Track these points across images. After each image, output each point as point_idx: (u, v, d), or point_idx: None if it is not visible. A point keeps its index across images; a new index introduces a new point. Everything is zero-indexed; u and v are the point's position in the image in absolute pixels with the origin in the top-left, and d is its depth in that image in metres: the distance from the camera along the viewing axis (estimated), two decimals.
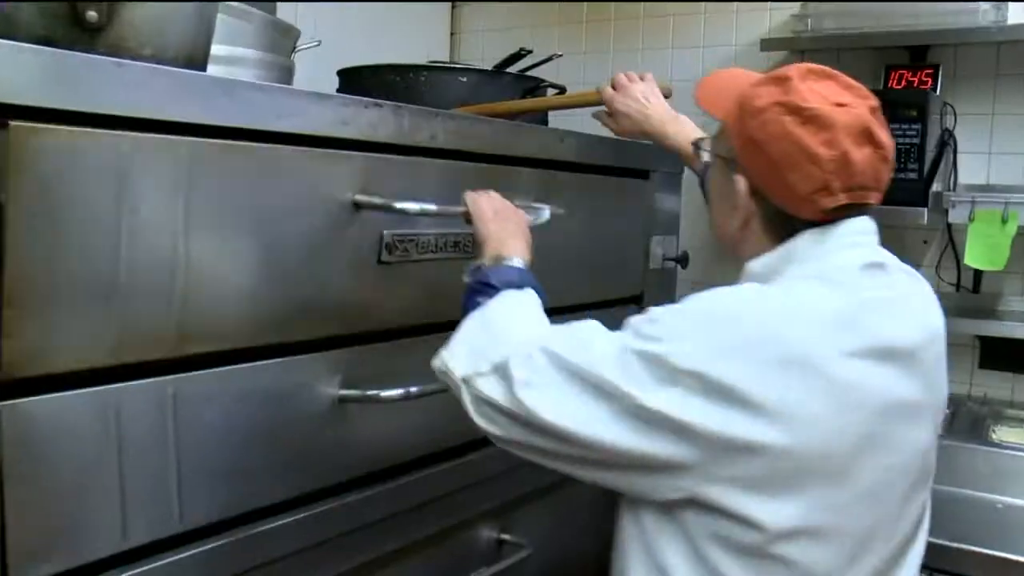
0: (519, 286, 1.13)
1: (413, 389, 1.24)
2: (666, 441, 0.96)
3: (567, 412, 0.99)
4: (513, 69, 1.93)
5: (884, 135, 1.05)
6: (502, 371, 1.03)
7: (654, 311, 1.03)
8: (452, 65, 1.89)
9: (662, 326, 1.00)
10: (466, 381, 1.06)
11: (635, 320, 1.03)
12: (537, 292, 1.15)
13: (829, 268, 1.04)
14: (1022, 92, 2.22)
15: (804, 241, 1.06)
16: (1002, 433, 2.15)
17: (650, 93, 1.66)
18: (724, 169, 1.12)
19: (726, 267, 2.60)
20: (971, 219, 2.06)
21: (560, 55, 1.96)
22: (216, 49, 1.32)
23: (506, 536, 1.55)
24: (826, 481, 0.97)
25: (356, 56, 2.00)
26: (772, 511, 0.96)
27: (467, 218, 1.26)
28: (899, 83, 2.17)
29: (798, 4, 2.33)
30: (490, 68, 1.87)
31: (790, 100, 1.02)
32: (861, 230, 1.08)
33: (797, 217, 1.06)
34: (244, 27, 1.62)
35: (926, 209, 2.02)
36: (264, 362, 1.10)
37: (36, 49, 0.85)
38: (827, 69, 1.08)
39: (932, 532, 1.20)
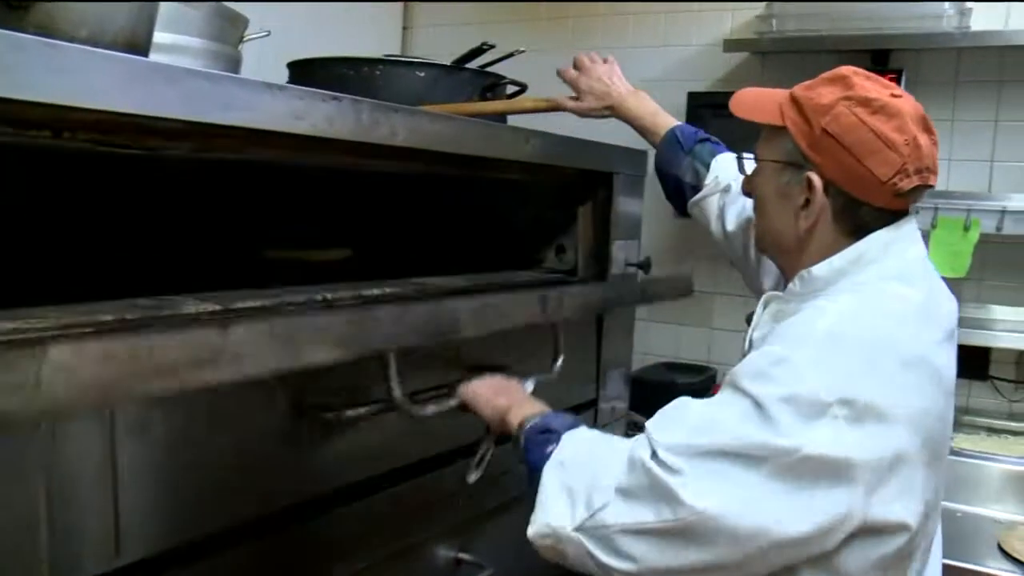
0: (573, 426, 1.11)
1: (369, 407, 1.16)
2: (832, 492, 0.94)
3: (733, 496, 0.94)
4: (472, 64, 1.85)
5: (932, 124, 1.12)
6: (642, 489, 0.97)
7: (768, 353, 1.00)
8: (409, 59, 1.80)
9: (791, 364, 0.97)
10: (582, 528, 1.00)
11: (750, 369, 0.99)
12: None
13: (903, 267, 1.09)
14: (981, 99, 2.23)
15: (874, 244, 1.09)
16: (959, 441, 2.14)
17: (612, 74, 1.70)
18: (785, 172, 1.13)
19: (719, 281, 2.60)
20: (933, 226, 2.05)
21: (522, 51, 1.89)
22: (159, 36, 1.22)
23: (465, 555, 1.48)
24: (936, 465, 1.03)
25: (304, 49, 1.90)
26: (912, 509, 0.99)
27: (464, 408, 1.22)
28: None
29: (761, 5, 2.30)
30: (449, 63, 1.79)
31: (856, 94, 1.07)
32: (915, 227, 1.14)
33: (867, 205, 1.08)
34: (190, 14, 1.52)
35: None
36: None
37: None
38: (865, 71, 1.13)
39: None
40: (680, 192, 1.62)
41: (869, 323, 1.02)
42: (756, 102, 1.19)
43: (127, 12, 1.06)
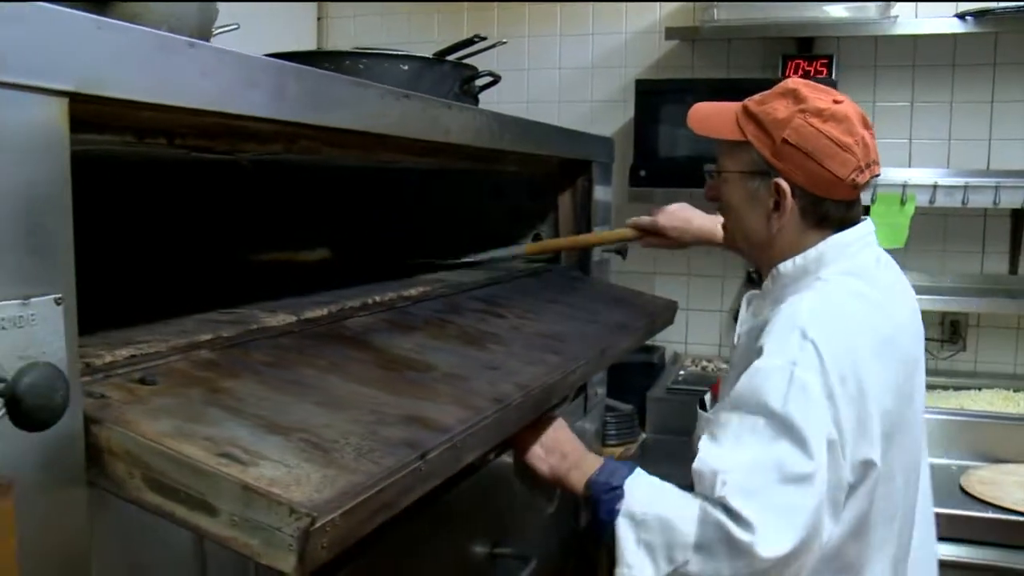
0: (631, 472, 1.16)
1: None
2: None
3: (800, 526, 1.04)
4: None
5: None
6: (718, 545, 1.04)
7: (760, 368, 1.11)
8: (392, 52, 1.74)
9: (783, 369, 1.09)
10: None
11: (752, 386, 1.10)
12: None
13: (858, 265, 1.25)
14: (898, 83, 2.41)
15: (833, 245, 1.24)
16: None
17: (686, 208, 1.72)
18: (753, 180, 1.25)
19: (659, 261, 2.65)
20: (872, 201, 2.20)
21: (504, 42, 1.87)
22: None
23: (506, 550, 1.47)
24: (902, 425, 1.20)
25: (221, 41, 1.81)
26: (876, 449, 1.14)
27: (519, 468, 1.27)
28: (796, 72, 2.28)
29: None
30: (431, 55, 1.75)
31: (809, 106, 1.20)
32: (870, 231, 1.29)
33: (828, 201, 1.22)
34: None
35: None
36: None
37: (103, 22, 0.67)
38: (805, 80, 1.27)
39: None
40: None
41: (847, 316, 1.17)
42: (714, 120, 1.30)
43: (197, 6, 0.99)
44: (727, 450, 1.09)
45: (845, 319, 1.16)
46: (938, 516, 1.82)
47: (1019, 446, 2.05)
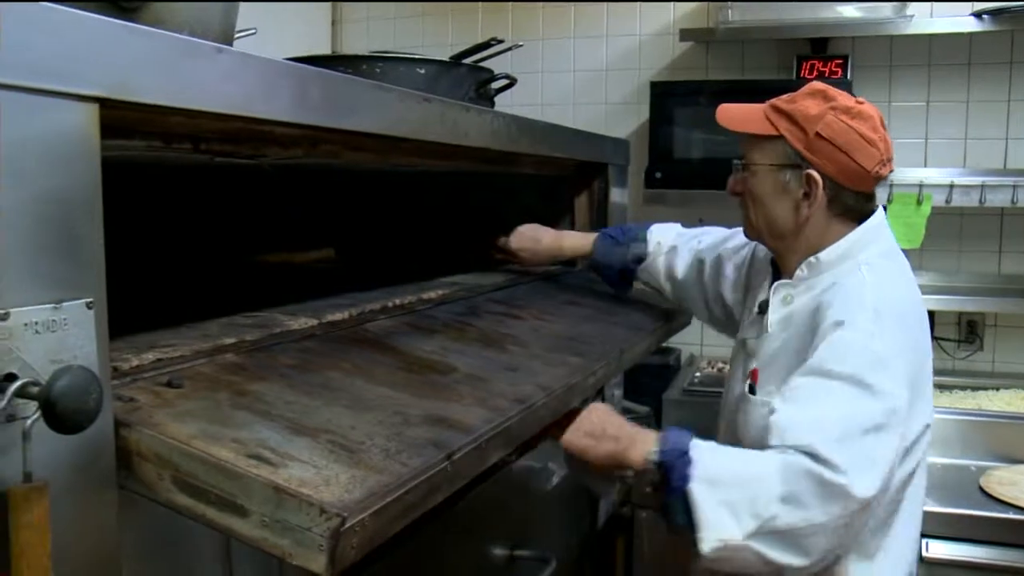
0: (690, 436, 1.19)
1: None
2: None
3: (885, 468, 1.13)
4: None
5: None
6: (808, 494, 1.09)
7: (839, 339, 1.20)
8: (409, 56, 1.75)
9: (861, 341, 1.19)
10: (754, 535, 1.11)
11: (831, 356, 1.19)
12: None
13: (888, 248, 1.36)
14: (913, 82, 2.40)
15: (869, 229, 1.34)
16: None
17: (537, 230, 1.75)
18: (784, 172, 1.33)
19: None
20: (889, 201, 2.19)
21: (521, 45, 1.88)
22: None
23: (525, 552, 1.47)
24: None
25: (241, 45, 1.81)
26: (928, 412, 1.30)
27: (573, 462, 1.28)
28: (811, 72, 2.28)
29: None
30: (447, 58, 1.75)
31: (839, 104, 1.30)
32: (884, 218, 1.39)
33: (850, 191, 1.31)
34: None
35: None
36: None
37: (131, 27, 0.68)
38: (826, 85, 1.34)
39: None
40: (624, 275, 1.68)
41: (899, 293, 1.29)
42: (744, 116, 1.37)
43: (220, 12, 0.99)
44: (806, 407, 1.16)
45: (902, 296, 1.29)
46: (957, 517, 1.83)
47: None
